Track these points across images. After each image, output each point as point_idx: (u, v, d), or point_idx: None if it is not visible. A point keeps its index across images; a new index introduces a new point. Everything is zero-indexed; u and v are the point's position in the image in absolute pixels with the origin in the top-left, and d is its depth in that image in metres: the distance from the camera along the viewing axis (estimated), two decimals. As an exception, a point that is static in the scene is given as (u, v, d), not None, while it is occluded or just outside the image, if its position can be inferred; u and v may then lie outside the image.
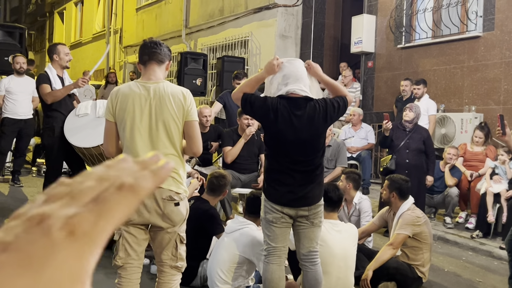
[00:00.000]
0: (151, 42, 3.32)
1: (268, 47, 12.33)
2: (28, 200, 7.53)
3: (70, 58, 6.18)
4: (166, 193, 3.14)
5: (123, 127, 3.20)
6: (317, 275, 3.84)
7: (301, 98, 3.67)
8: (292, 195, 3.70)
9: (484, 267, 5.99)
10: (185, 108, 3.21)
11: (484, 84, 8.57)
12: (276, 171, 3.76)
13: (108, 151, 3.35)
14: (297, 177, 3.70)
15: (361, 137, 9.05)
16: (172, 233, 3.23)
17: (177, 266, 3.30)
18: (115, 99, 3.22)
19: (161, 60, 3.30)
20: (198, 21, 14.97)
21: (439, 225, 7.35)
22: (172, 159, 3.20)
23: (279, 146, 3.73)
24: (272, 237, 3.76)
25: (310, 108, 3.66)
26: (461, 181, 7.33)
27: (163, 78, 3.32)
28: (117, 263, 3.23)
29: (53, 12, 27.58)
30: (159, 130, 3.18)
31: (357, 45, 10.58)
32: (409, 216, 4.95)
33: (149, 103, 3.18)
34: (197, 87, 10.41)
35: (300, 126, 3.65)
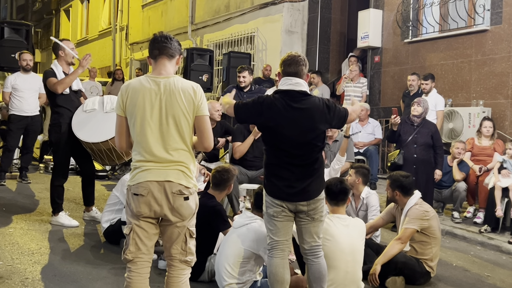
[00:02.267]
0: (161, 36, 3.30)
1: (274, 43, 12.30)
2: (36, 196, 7.58)
3: (76, 53, 6.19)
4: (176, 187, 3.14)
5: (134, 122, 3.20)
6: (321, 268, 3.85)
7: (297, 91, 3.71)
8: (290, 189, 3.71)
9: (492, 261, 5.96)
10: (196, 103, 3.20)
11: (492, 78, 8.52)
12: (275, 165, 3.78)
13: (120, 146, 3.36)
14: (295, 171, 3.72)
15: (368, 132, 9.02)
16: (182, 227, 3.23)
17: (186, 260, 3.29)
18: (125, 94, 3.22)
19: (172, 54, 3.29)
20: (204, 17, 14.96)
21: (447, 219, 7.32)
22: (182, 154, 3.21)
23: (276, 140, 3.74)
24: (275, 231, 3.78)
25: (309, 102, 3.71)
26: (469, 176, 7.30)
27: (173, 73, 3.31)
28: (127, 257, 3.23)
29: (59, 9, 27.66)
30: (169, 125, 3.17)
31: (363, 40, 10.53)
32: (417, 210, 4.93)
33: (159, 98, 3.17)
34: (203, 83, 10.43)
35: (296, 118, 3.68)
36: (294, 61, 3.77)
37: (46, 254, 5.06)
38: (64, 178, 6.17)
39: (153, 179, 3.13)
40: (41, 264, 4.78)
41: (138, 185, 3.15)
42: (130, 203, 3.19)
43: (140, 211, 3.15)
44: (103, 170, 9.24)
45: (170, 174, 3.15)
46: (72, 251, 5.27)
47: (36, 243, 5.38)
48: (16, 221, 6.20)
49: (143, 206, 3.14)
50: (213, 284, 4.43)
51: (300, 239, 3.88)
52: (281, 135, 3.71)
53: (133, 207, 3.17)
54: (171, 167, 3.16)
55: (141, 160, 3.19)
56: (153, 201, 3.13)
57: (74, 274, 4.59)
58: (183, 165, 3.20)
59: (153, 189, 3.12)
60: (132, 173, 3.22)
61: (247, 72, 7.80)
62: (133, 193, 3.17)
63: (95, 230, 6.07)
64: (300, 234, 3.86)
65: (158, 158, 3.16)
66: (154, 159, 3.16)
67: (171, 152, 3.17)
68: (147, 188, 3.12)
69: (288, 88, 3.73)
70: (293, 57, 3.80)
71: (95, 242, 5.62)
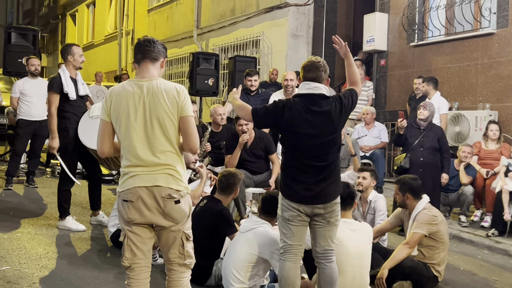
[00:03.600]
0: (144, 41, 3.30)
1: (279, 47, 12.31)
2: (43, 201, 7.60)
3: (84, 59, 6.23)
4: (166, 191, 3.11)
5: (119, 126, 3.18)
6: (333, 273, 3.86)
7: (316, 94, 3.77)
8: (307, 192, 3.72)
9: (500, 265, 5.94)
10: (179, 104, 3.17)
11: (499, 81, 8.49)
12: (292, 167, 3.80)
13: (101, 151, 3.29)
14: (312, 173, 3.74)
15: (374, 136, 9.00)
16: (177, 231, 3.20)
17: (185, 264, 3.27)
18: (109, 99, 3.21)
19: (155, 57, 3.28)
20: (209, 22, 14.99)
21: (454, 223, 7.29)
22: (169, 156, 3.18)
23: (294, 142, 3.78)
24: (289, 235, 3.79)
25: (326, 104, 3.77)
26: (476, 180, 7.27)
27: (158, 76, 3.28)
28: (124, 264, 3.21)
29: (65, 14, 27.79)
30: (154, 127, 3.14)
31: (369, 44, 10.53)
32: (425, 215, 4.91)
33: (142, 100, 3.15)
34: (209, 87, 10.44)
35: (316, 120, 3.72)
36: (314, 66, 3.83)
37: (53, 259, 5.08)
38: (71, 182, 6.19)
39: (142, 185, 3.10)
40: (48, 268, 4.80)
41: (127, 191, 3.12)
42: (121, 209, 3.17)
43: (131, 217, 3.13)
44: (110, 175, 9.26)
45: (158, 178, 3.12)
46: (79, 255, 5.29)
47: (43, 248, 5.40)
48: (23, 225, 6.22)
49: (133, 212, 3.11)
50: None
51: (314, 242, 3.88)
52: (300, 136, 3.74)
53: (123, 213, 3.15)
54: (159, 171, 3.13)
55: (129, 165, 3.16)
56: (143, 206, 3.10)
57: (81, 279, 4.60)
58: (171, 168, 3.16)
59: (142, 195, 3.09)
60: (122, 179, 3.19)
61: (257, 76, 7.83)
62: (122, 199, 3.14)
63: (102, 235, 6.08)
64: (314, 237, 3.87)
65: (145, 162, 3.13)
66: (141, 163, 3.13)
67: (158, 155, 3.14)
68: (136, 194, 3.10)
69: (306, 92, 3.79)
70: (312, 62, 3.86)
71: (102, 247, 5.63)
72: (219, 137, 7.15)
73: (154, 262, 4.93)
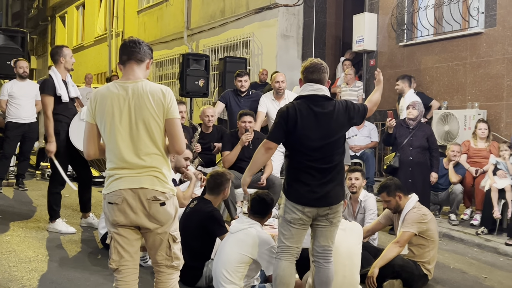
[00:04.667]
0: (130, 41, 3.27)
1: (270, 47, 12.33)
2: (33, 203, 7.56)
3: (74, 61, 6.20)
4: (151, 193, 3.09)
5: (103, 129, 3.16)
6: (330, 273, 3.88)
7: (319, 96, 3.77)
8: (312, 195, 3.73)
9: (490, 263, 5.97)
10: (165, 106, 3.14)
11: (487, 80, 8.55)
12: (296, 170, 3.79)
13: (87, 153, 3.27)
14: (317, 176, 3.74)
15: (364, 136, 9.04)
16: (163, 233, 3.18)
17: (173, 265, 3.26)
18: (94, 101, 3.18)
19: (140, 59, 3.24)
20: (199, 23, 14.98)
21: (444, 222, 7.33)
22: (155, 159, 3.15)
23: (299, 144, 3.76)
24: (288, 236, 3.80)
25: (329, 105, 3.77)
26: (465, 178, 7.31)
27: (143, 77, 3.25)
28: (112, 266, 3.19)
29: (54, 16, 27.64)
30: (140, 129, 3.12)
31: (359, 44, 10.56)
32: (415, 214, 4.94)
33: (127, 102, 3.12)
34: (199, 88, 10.43)
35: (320, 122, 3.72)
36: (317, 68, 3.83)
37: (43, 261, 5.06)
38: (61, 185, 6.17)
39: (127, 187, 3.08)
40: (38, 271, 4.77)
41: (112, 193, 3.11)
42: (106, 212, 3.16)
43: (116, 220, 3.11)
44: (100, 177, 9.23)
45: (143, 180, 3.10)
46: (70, 258, 5.27)
47: (33, 251, 5.37)
48: (13, 228, 6.19)
49: (118, 214, 3.10)
50: (211, 289, 4.42)
51: (314, 241, 3.90)
52: (304, 138, 3.73)
53: (109, 215, 3.13)
54: (144, 173, 3.11)
55: (114, 167, 3.14)
56: (128, 209, 3.08)
57: (71, 281, 4.59)
58: (156, 170, 3.14)
59: (127, 197, 3.07)
60: (107, 182, 3.17)
61: (248, 77, 7.81)
62: (108, 201, 3.13)
63: (92, 237, 6.06)
64: (315, 236, 3.88)
65: (130, 164, 3.11)
66: (126, 166, 3.11)
67: (143, 157, 3.12)
68: (121, 196, 3.08)
69: (310, 94, 3.78)
70: (316, 64, 3.84)
71: (92, 249, 5.61)
72: (209, 138, 7.15)
73: (145, 264, 4.92)
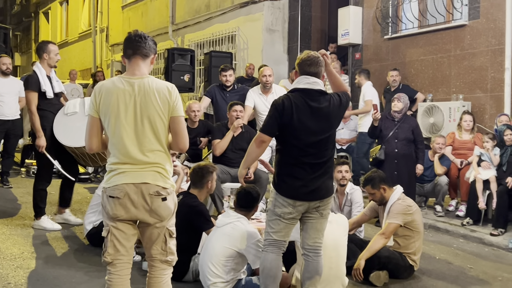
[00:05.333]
0: (135, 35, 3.25)
1: (255, 42, 12.31)
2: (18, 201, 7.50)
3: (59, 58, 6.14)
4: (153, 188, 3.11)
5: (108, 124, 3.15)
6: (319, 267, 3.89)
7: (315, 90, 3.75)
8: (305, 189, 3.72)
9: (475, 253, 6.03)
10: (171, 104, 3.16)
11: (471, 72, 8.60)
12: (289, 164, 3.77)
13: (90, 147, 3.26)
14: (310, 170, 3.73)
15: (350, 129, 9.07)
16: (161, 227, 3.20)
17: (167, 260, 3.28)
18: (99, 95, 3.16)
19: (146, 54, 3.24)
20: (184, 17, 14.92)
21: (429, 213, 7.38)
22: (158, 155, 3.17)
23: (293, 138, 3.73)
24: (276, 230, 3.79)
25: (325, 100, 3.76)
26: (450, 170, 7.37)
27: (148, 73, 3.26)
28: (106, 259, 3.19)
29: (38, 12, 27.40)
30: (145, 126, 3.13)
31: (344, 37, 10.57)
32: (399, 205, 4.97)
33: (133, 99, 3.12)
34: (185, 83, 10.38)
35: (315, 117, 3.71)
36: (315, 61, 3.80)
37: (28, 259, 5.02)
38: (48, 182, 6.12)
39: (130, 182, 3.09)
40: (23, 268, 4.74)
41: (114, 187, 3.11)
42: (106, 205, 3.15)
43: (116, 214, 3.11)
44: (85, 173, 9.18)
45: (146, 176, 3.11)
46: (55, 255, 5.23)
47: (18, 248, 5.33)
48: (-3, 226, 6.14)
49: (119, 208, 3.10)
50: (198, 284, 4.41)
51: (304, 234, 3.90)
52: (299, 133, 3.71)
53: (108, 209, 3.13)
54: (147, 168, 3.13)
55: (116, 162, 3.14)
56: (130, 203, 3.09)
57: (57, 278, 4.56)
58: (159, 166, 3.16)
59: (129, 192, 3.08)
60: (108, 175, 3.17)
61: (232, 71, 7.79)
62: (108, 195, 3.12)
63: (78, 233, 6.01)
64: (306, 229, 3.88)
65: (134, 160, 3.12)
66: (130, 161, 3.12)
67: (147, 154, 3.13)
68: (123, 191, 3.08)
69: (306, 87, 3.75)
70: (313, 57, 3.81)
71: (78, 245, 5.58)
72: (195, 133, 7.13)
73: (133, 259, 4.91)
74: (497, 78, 8.21)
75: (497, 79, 8.22)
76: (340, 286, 4.32)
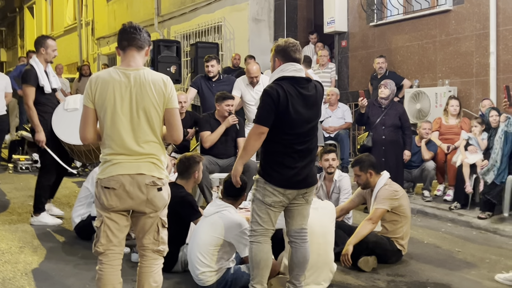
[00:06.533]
0: (130, 27, 3.26)
1: (241, 32, 12.27)
2: (6, 196, 7.46)
3: (56, 54, 6.05)
4: (149, 179, 3.15)
5: (103, 114, 3.16)
6: (306, 253, 3.89)
7: (302, 78, 3.74)
8: (297, 177, 3.72)
9: (463, 237, 6.08)
10: (166, 96, 3.20)
11: (457, 57, 8.63)
12: (280, 153, 3.73)
13: (84, 138, 3.26)
14: (299, 159, 3.73)
15: (338, 117, 9.08)
16: (155, 217, 3.24)
17: (159, 250, 3.31)
18: (95, 86, 3.16)
19: (141, 46, 3.26)
20: (170, 9, 14.83)
21: (417, 199, 7.43)
22: (153, 146, 3.20)
23: (289, 127, 3.69)
24: (266, 219, 3.76)
25: (312, 88, 3.76)
26: (437, 155, 7.40)
27: (142, 64, 3.29)
28: (99, 249, 3.20)
29: (22, 7, 27.15)
30: (140, 117, 3.16)
31: (330, 25, 10.56)
32: (386, 190, 4.99)
33: (129, 90, 3.14)
34: (172, 74, 10.35)
35: (306, 104, 3.70)
36: (298, 48, 3.77)
37: (16, 253, 5.00)
38: (53, 176, 6.06)
39: (125, 173, 3.12)
40: (11, 263, 4.72)
41: (109, 178, 3.12)
42: (100, 196, 3.16)
43: (111, 204, 3.13)
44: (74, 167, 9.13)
45: (141, 166, 3.15)
46: (43, 248, 5.21)
47: (6, 243, 5.31)
48: (-15, 222, 6.10)
49: (115, 199, 3.12)
50: (187, 274, 4.41)
51: (290, 221, 3.89)
52: (292, 121, 3.68)
53: (103, 200, 3.14)
54: (142, 159, 3.16)
55: (111, 153, 3.16)
56: (125, 194, 3.12)
57: (46, 272, 4.55)
58: (154, 157, 3.20)
59: (125, 183, 3.10)
60: (102, 166, 3.18)
61: (215, 61, 7.73)
62: (104, 186, 3.13)
63: (66, 227, 5.99)
64: (292, 216, 3.87)
65: (130, 151, 3.14)
66: (125, 152, 3.14)
67: (142, 145, 3.16)
68: (118, 182, 3.10)
69: (293, 75, 3.71)
70: (296, 44, 3.78)
71: (66, 239, 5.56)
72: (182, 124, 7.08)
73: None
74: (482, 63, 8.25)
75: (482, 64, 8.26)
76: (328, 272, 4.35)
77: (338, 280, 4.54)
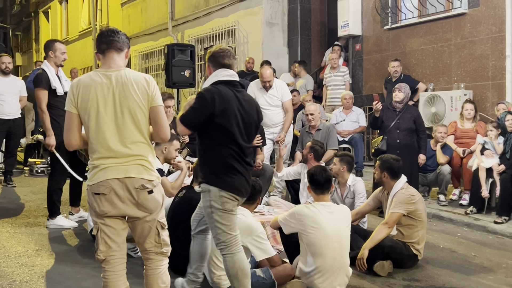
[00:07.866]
0: (108, 31, 3.26)
1: (255, 35, 12.29)
2: (21, 199, 7.52)
3: (66, 57, 6.08)
4: (138, 182, 3.09)
5: (88, 118, 3.12)
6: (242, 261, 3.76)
7: (237, 82, 3.72)
8: (246, 184, 3.67)
9: (479, 242, 6.02)
10: (150, 94, 3.15)
11: (472, 61, 8.58)
12: (229, 158, 3.58)
13: (70, 144, 3.22)
14: (245, 165, 3.66)
15: (352, 120, 9.05)
16: (152, 221, 3.19)
17: (163, 252, 3.28)
18: (76, 90, 3.13)
19: (120, 48, 3.24)
20: (184, 13, 14.89)
21: (433, 203, 7.38)
22: (141, 147, 3.15)
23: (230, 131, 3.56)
24: (231, 226, 3.62)
25: (246, 93, 3.79)
26: (452, 159, 7.35)
27: (123, 66, 3.25)
28: (99, 257, 3.18)
29: (38, 11, 27.37)
30: (125, 118, 3.11)
31: (344, 29, 10.55)
32: (403, 194, 4.97)
33: (112, 91, 3.10)
34: (185, 78, 10.39)
35: (245, 108, 3.65)
36: (229, 54, 3.74)
37: (33, 256, 5.04)
38: (64, 180, 6.09)
39: (114, 177, 3.06)
40: (28, 266, 4.75)
41: (99, 184, 3.07)
42: (92, 203, 3.12)
43: (104, 210, 3.08)
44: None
45: (130, 169, 3.09)
46: (59, 251, 5.24)
47: (22, 246, 5.35)
48: (2, 224, 6.16)
49: (106, 204, 3.07)
50: (202, 277, 4.41)
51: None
52: (234, 126, 3.57)
53: (95, 206, 3.10)
54: (130, 162, 3.10)
55: (99, 157, 3.11)
56: (116, 199, 3.07)
57: (61, 275, 4.57)
58: (142, 159, 3.14)
59: (115, 187, 3.06)
60: (91, 172, 3.13)
61: None
62: (94, 192, 3.09)
63: (82, 230, 6.04)
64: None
65: (117, 153, 3.09)
66: (112, 155, 3.09)
67: (129, 146, 3.11)
68: (108, 187, 3.05)
69: (228, 79, 3.66)
70: (227, 50, 3.76)
71: (82, 242, 5.60)
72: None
73: (135, 255, 4.93)
74: (498, 66, 8.19)
75: (498, 67, 8.20)
76: (344, 276, 4.32)
77: (354, 285, 4.52)
